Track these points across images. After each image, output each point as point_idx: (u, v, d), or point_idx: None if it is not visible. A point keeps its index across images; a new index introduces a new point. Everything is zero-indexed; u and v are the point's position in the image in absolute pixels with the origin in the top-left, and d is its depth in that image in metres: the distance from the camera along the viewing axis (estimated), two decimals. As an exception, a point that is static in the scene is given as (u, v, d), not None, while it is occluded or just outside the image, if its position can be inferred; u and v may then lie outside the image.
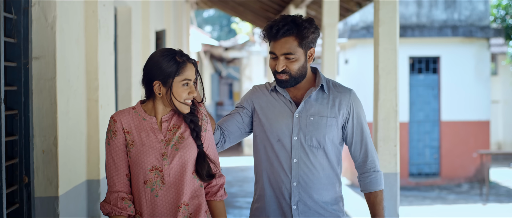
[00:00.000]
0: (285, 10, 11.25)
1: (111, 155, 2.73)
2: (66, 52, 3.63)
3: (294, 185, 2.98)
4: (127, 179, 2.74)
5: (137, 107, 2.79)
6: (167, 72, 2.67)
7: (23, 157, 3.36)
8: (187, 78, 2.70)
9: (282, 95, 3.03)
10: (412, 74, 14.33)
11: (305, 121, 2.97)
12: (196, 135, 2.78)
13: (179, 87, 2.69)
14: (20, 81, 3.32)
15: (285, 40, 2.89)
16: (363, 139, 3.03)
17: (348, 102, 3.00)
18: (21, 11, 3.33)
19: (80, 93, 3.96)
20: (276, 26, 2.88)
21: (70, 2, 3.74)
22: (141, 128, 2.74)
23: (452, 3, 14.15)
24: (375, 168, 3.06)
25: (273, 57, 2.94)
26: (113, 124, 2.74)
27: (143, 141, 2.71)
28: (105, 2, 4.34)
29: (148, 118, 2.76)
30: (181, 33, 11.72)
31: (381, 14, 4.37)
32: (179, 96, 2.69)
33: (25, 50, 3.34)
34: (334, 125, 2.98)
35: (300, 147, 2.97)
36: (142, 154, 2.70)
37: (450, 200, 12.22)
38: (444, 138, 14.23)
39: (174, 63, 2.68)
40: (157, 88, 2.70)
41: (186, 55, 2.74)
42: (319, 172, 2.98)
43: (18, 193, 3.35)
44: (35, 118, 3.42)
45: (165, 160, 2.71)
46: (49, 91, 3.45)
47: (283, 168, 2.99)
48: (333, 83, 3.07)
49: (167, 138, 2.74)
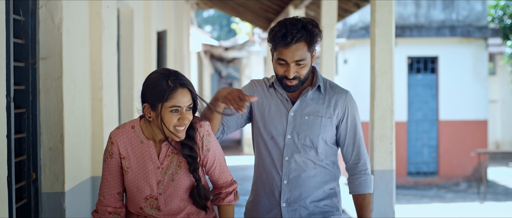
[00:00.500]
0: (284, 10, 11.36)
1: (105, 173, 2.68)
2: (72, 53, 3.75)
3: (284, 183, 2.97)
4: (118, 196, 2.70)
5: (136, 127, 2.66)
6: (155, 96, 2.51)
7: (31, 154, 3.47)
8: (176, 105, 2.50)
9: (279, 92, 3.00)
10: (411, 74, 14.45)
11: (299, 120, 2.96)
12: (194, 169, 2.66)
13: (167, 113, 2.50)
14: (28, 80, 3.43)
15: (296, 47, 2.83)
16: (355, 141, 3.01)
17: (343, 103, 2.98)
18: (29, 13, 3.44)
19: (85, 92, 4.07)
20: (290, 35, 2.81)
21: (76, 4, 3.86)
22: (138, 152, 2.65)
23: (450, 4, 14.28)
24: (366, 171, 3.02)
25: (282, 63, 2.87)
26: (111, 146, 2.66)
27: (139, 169, 2.64)
28: (109, 4, 4.45)
29: (145, 141, 2.64)
30: (181, 33, 11.83)
31: (377, 15, 4.49)
32: (168, 124, 2.51)
33: (33, 50, 3.46)
34: (328, 125, 2.97)
35: (293, 145, 2.96)
36: (137, 183, 2.64)
37: (448, 199, 12.34)
38: (442, 137, 14.35)
39: (164, 87, 2.50)
40: (146, 111, 2.57)
41: (180, 78, 2.55)
42: (310, 171, 2.96)
43: (26, 188, 3.46)
44: (42, 116, 3.54)
45: (160, 189, 2.64)
46: (56, 90, 3.57)
47: (275, 166, 2.98)
48: (330, 84, 3.04)
49: (164, 165, 2.65)
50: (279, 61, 2.87)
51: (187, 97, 2.53)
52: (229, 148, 20.14)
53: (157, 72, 2.57)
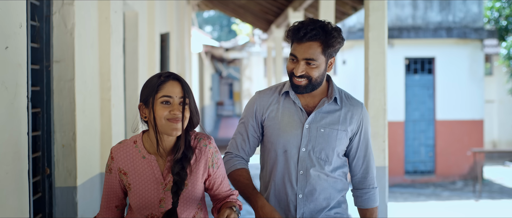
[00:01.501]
0: (283, 12, 11.59)
1: (105, 185, 2.60)
2: (83, 56, 3.98)
3: (300, 197, 2.85)
4: (117, 209, 2.61)
5: (138, 142, 2.54)
6: (147, 92, 2.45)
7: (45, 150, 3.70)
8: (166, 94, 2.41)
9: (293, 101, 2.87)
10: (408, 75, 14.67)
11: (315, 132, 2.83)
12: (176, 190, 2.45)
13: (158, 105, 2.41)
14: (43, 82, 3.66)
15: (309, 45, 2.73)
16: (366, 155, 2.94)
17: (359, 116, 2.89)
18: (44, 19, 3.68)
19: (95, 93, 4.30)
20: (304, 29, 2.72)
21: (86, 10, 4.09)
22: (140, 168, 2.52)
23: (446, 5, 14.50)
24: (374, 184, 2.97)
25: (293, 59, 2.78)
26: (111, 161, 2.55)
27: (140, 186, 2.51)
28: (116, 9, 4.69)
29: (147, 156, 2.51)
30: (183, 35, 12.04)
31: (371, 20, 4.72)
32: (159, 117, 2.40)
33: (47, 54, 3.69)
34: (344, 138, 2.86)
35: (308, 159, 2.83)
36: (138, 201, 2.51)
37: (444, 197, 12.56)
38: (439, 136, 14.58)
39: (155, 81, 2.44)
40: (141, 111, 2.49)
41: (173, 74, 2.49)
42: (323, 183, 2.86)
43: (40, 183, 3.69)
44: (56, 116, 3.77)
45: (162, 207, 2.50)
46: (68, 91, 3.80)
47: (290, 180, 2.85)
48: (345, 95, 2.94)
49: (167, 182, 2.51)
50: (291, 56, 2.79)
51: (178, 89, 2.43)
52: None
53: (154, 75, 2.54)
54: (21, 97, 2.81)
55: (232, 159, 2.96)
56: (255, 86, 19.01)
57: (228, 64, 27.37)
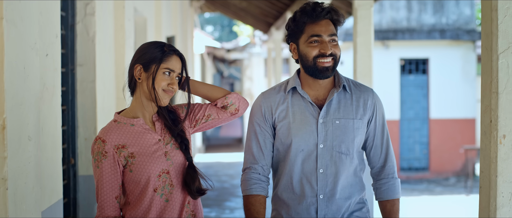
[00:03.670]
0: (282, 16, 12.11)
1: (100, 178, 2.49)
2: (102, 60, 4.50)
3: (321, 198, 2.65)
4: (117, 201, 2.51)
5: (118, 118, 2.57)
6: (151, 58, 2.50)
7: (70, 143, 4.22)
8: (170, 68, 2.51)
9: (301, 96, 2.69)
10: (403, 75, 15.13)
11: (330, 125, 2.64)
12: (185, 147, 2.59)
13: (160, 74, 2.49)
14: (68, 83, 4.18)
15: (327, 22, 2.61)
16: (383, 142, 2.75)
17: (372, 102, 2.70)
18: (69, 28, 4.19)
19: (112, 93, 4.82)
20: (319, 7, 2.60)
21: (105, 19, 4.61)
22: (134, 135, 2.53)
23: (440, 8, 14.96)
24: (394, 174, 2.75)
25: (315, 41, 2.59)
26: (102, 145, 2.49)
27: (143, 149, 2.52)
28: (129, 17, 5.22)
29: (135, 122, 2.55)
30: (186, 37, 12.54)
31: (359, 27, 5.26)
32: (158, 85, 2.49)
33: (72, 58, 4.20)
34: (361, 127, 2.67)
35: (327, 155, 2.64)
36: (147, 163, 2.51)
37: (437, 192, 13.05)
38: (433, 134, 15.03)
39: (160, 51, 2.52)
40: (137, 72, 2.53)
41: (176, 49, 2.59)
42: (344, 180, 2.67)
43: (66, 171, 4.21)
44: (79, 113, 4.28)
45: (169, 160, 2.55)
46: (90, 91, 4.31)
47: (308, 180, 2.65)
48: (353, 82, 2.76)
49: (163, 137, 2.57)
50: (312, 38, 2.59)
51: (179, 65, 2.55)
52: (230, 146, 20.80)
53: (151, 41, 2.60)
54: (56, 97, 3.33)
55: (250, 179, 2.71)
56: (256, 86, 19.48)
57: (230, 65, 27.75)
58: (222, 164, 14.62)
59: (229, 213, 8.89)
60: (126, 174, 2.51)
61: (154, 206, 2.51)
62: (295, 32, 2.64)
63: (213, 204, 9.53)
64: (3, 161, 2.32)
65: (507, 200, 2.56)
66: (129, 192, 2.54)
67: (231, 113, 2.67)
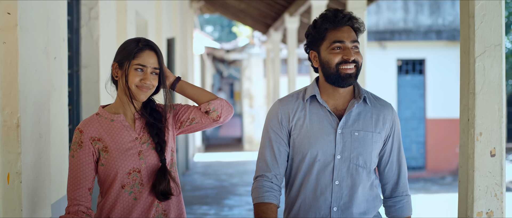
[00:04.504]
0: (280, 17, 12.30)
1: (74, 168, 2.51)
2: (105, 62, 4.68)
3: (334, 211, 2.58)
4: (88, 193, 2.52)
5: (100, 112, 2.61)
6: (124, 55, 2.54)
7: (75, 141, 4.41)
8: (141, 63, 2.51)
9: (320, 105, 2.61)
10: (400, 75, 15.32)
11: (349, 137, 2.57)
12: (160, 149, 2.58)
13: (132, 71, 2.51)
14: (73, 84, 4.36)
15: (348, 28, 2.53)
16: (399, 159, 2.69)
17: (391, 118, 2.64)
18: (74, 31, 4.38)
19: (114, 93, 5.01)
20: (341, 13, 2.54)
21: (108, 23, 4.80)
22: (112, 130, 2.56)
23: (436, 9, 15.15)
24: (407, 191, 2.72)
25: (338, 47, 2.51)
26: (80, 135, 2.53)
27: (117, 145, 2.54)
28: (131, 20, 5.41)
29: (115, 117, 2.58)
30: (186, 38, 12.70)
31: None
32: (130, 81, 2.51)
33: (77, 60, 4.39)
34: (379, 141, 2.61)
35: (344, 167, 2.57)
36: (118, 159, 2.53)
37: (433, 190, 13.25)
38: (430, 134, 15.23)
39: (133, 47, 2.53)
40: (114, 70, 2.59)
41: (150, 43, 2.58)
42: (360, 194, 2.60)
43: (72, 168, 4.40)
44: (83, 112, 4.46)
45: (142, 159, 2.55)
46: (94, 92, 4.49)
47: (323, 192, 2.58)
48: (372, 95, 2.69)
49: (141, 136, 2.58)
50: (334, 44, 2.52)
51: (153, 59, 2.53)
52: (230, 145, 20.97)
53: (129, 39, 2.62)
54: (64, 97, 3.52)
55: (262, 187, 2.62)
56: (255, 86, 19.65)
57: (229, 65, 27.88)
58: (221, 163, 14.78)
59: (228, 210, 9.09)
60: (99, 167, 2.55)
61: (120, 203, 2.53)
62: (316, 39, 2.58)
63: (213, 202, 9.73)
64: (17, 157, 2.52)
65: (483, 193, 2.78)
66: (100, 186, 2.59)
67: (213, 119, 2.64)
